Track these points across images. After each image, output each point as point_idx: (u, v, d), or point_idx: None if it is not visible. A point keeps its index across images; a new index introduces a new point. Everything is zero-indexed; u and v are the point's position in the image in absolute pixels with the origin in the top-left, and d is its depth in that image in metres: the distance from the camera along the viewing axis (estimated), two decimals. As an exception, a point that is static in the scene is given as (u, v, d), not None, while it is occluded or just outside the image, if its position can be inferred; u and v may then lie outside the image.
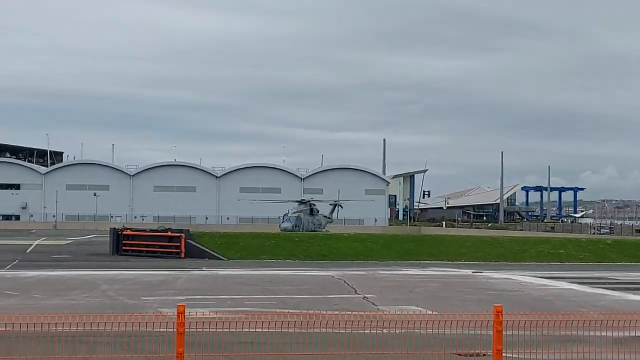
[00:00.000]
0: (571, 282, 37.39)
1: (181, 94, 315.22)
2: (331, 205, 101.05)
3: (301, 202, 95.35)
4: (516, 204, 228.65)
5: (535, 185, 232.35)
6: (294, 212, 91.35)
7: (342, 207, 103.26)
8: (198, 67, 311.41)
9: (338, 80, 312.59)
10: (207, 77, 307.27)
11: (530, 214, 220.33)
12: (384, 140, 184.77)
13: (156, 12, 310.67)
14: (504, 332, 11.04)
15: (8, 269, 41.72)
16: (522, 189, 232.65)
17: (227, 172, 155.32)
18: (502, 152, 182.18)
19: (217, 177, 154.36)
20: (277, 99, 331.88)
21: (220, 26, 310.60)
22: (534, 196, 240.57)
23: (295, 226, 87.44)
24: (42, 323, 10.31)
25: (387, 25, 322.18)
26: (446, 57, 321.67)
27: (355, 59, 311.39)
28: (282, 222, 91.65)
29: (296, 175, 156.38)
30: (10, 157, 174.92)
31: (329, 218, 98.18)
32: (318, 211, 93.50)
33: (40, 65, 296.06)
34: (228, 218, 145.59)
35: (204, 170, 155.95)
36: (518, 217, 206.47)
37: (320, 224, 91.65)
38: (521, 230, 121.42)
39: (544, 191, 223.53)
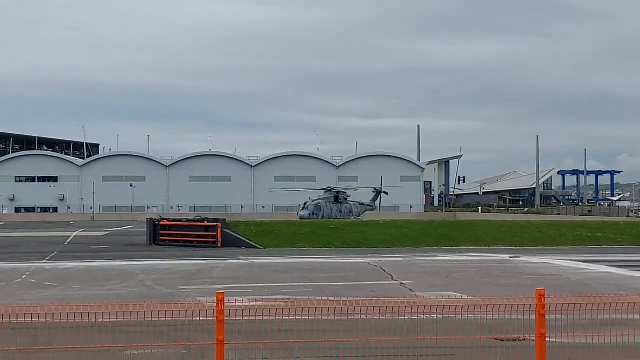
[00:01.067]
0: (610, 266, 37.13)
1: (215, 84, 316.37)
2: (374, 192, 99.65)
3: (326, 189, 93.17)
4: (552, 188, 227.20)
5: (571, 169, 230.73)
6: (314, 200, 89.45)
7: (387, 194, 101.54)
8: (232, 57, 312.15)
9: (372, 67, 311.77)
10: (241, 67, 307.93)
11: (567, 198, 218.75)
12: (419, 126, 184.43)
13: (190, 4, 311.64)
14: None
15: (47, 260, 42.13)
16: (559, 173, 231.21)
17: (262, 161, 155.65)
18: (537, 137, 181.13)
19: (252, 166, 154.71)
20: (311, 87, 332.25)
21: (253, 16, 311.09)
22: (571, 180, 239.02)
23: (313, 214, 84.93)
24: (81, 313, 10.38)
25: (422, 10, 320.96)
26: (481, 42, 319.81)
27: (389, 45, 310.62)
28: (301, 209, 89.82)
29: (331, 163, 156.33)
30: (47, 150, 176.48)
31: (369, 205, 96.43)
32: (346, 199, 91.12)
33: (76, 59, 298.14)
34: (264, 207, 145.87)
35: (239, 160, 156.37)
36: (554, 201, 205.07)
37: (350, 212, 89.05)
38: (558, 214, 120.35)
39: (580, 175, 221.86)
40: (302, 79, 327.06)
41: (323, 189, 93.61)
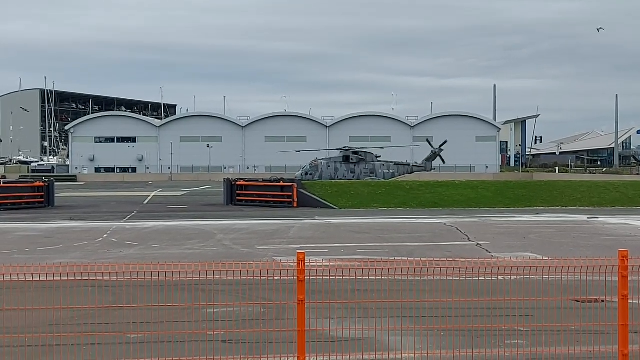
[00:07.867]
0: (691, 227, 36.45)
1: (290, 45, 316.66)
2: (433, 151, 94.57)
3: (340, 149, 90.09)
4: (632, 147, 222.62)
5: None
6: (317, 160, 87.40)
7: (441, 151, 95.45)
8: (306, 17, 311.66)
9: (446, 26, 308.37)
10: (315, 27, 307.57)
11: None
12: (494, 85, 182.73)
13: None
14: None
15: (127, 219, 42.95)
16: (638, 132, 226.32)
17: (336, 121, 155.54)
18: (616, 95, 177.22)
19: (326, 126, 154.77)
20: (385, 46, 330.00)
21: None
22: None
23: (308, 174, 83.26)
24: (165, 272, 10.61)
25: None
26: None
27: (464, 3, 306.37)
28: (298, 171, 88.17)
29: (405, 124, 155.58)
30: (125, 111, 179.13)
31: (417, 166, 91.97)
32: (364, 159, 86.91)
33: (152, 20, 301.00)
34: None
35: (313, 120, 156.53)
36: (634, 161, 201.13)
37: (371, 172, 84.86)
38: (637, 174, 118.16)
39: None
40: (376, 38, 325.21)
41: (338, 149, 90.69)
